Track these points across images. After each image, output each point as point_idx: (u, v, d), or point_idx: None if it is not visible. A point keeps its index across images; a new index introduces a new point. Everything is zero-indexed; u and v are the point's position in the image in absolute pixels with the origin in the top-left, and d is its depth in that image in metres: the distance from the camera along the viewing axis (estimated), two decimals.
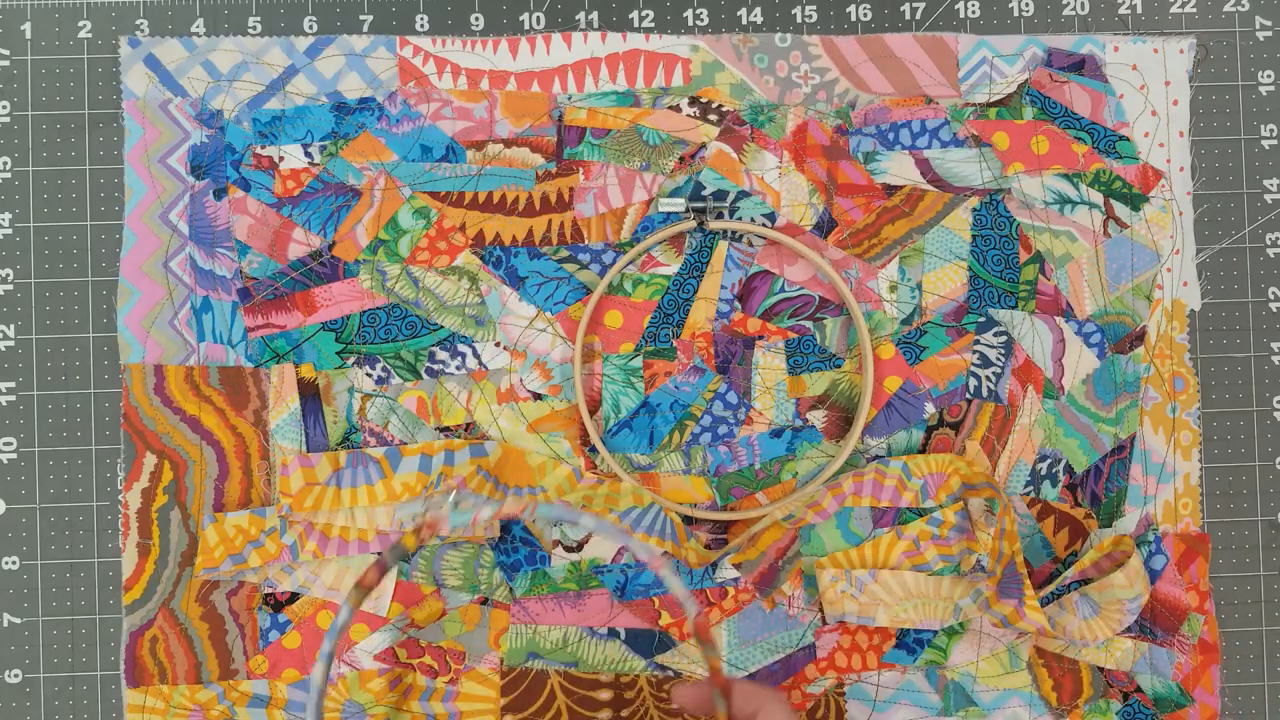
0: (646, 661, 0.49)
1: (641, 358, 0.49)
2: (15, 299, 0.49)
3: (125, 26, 0.49)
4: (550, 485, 0.47)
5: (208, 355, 0.48)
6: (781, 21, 0.50)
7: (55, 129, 0.49)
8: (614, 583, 0.49)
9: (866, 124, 0.49)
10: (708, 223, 0.48)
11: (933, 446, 0.49)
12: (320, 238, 0.49)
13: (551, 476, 0.48)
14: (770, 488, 0.49)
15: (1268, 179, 0.50)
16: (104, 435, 0.49)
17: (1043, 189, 0.50)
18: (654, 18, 0.50)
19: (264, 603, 0.48)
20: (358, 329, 0.49)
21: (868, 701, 0.49)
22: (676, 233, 0.48)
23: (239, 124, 0.49)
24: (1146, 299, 0.50)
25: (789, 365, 0.49)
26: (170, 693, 0.48)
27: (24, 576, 0.48)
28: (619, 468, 0.48)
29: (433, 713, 0.48)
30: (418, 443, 0.48)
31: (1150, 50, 0.50)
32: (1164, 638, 0.49)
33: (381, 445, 0.48)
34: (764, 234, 0.48)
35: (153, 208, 0.49)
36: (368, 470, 0.47)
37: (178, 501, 0.48)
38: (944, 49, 0.50)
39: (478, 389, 0.49)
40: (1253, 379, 0.50)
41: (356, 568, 0.48)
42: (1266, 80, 0.51)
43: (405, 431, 0.48)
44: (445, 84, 0.49)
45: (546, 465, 0.48)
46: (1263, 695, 0.49)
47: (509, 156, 0.49)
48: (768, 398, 0.49)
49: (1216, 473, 0.50)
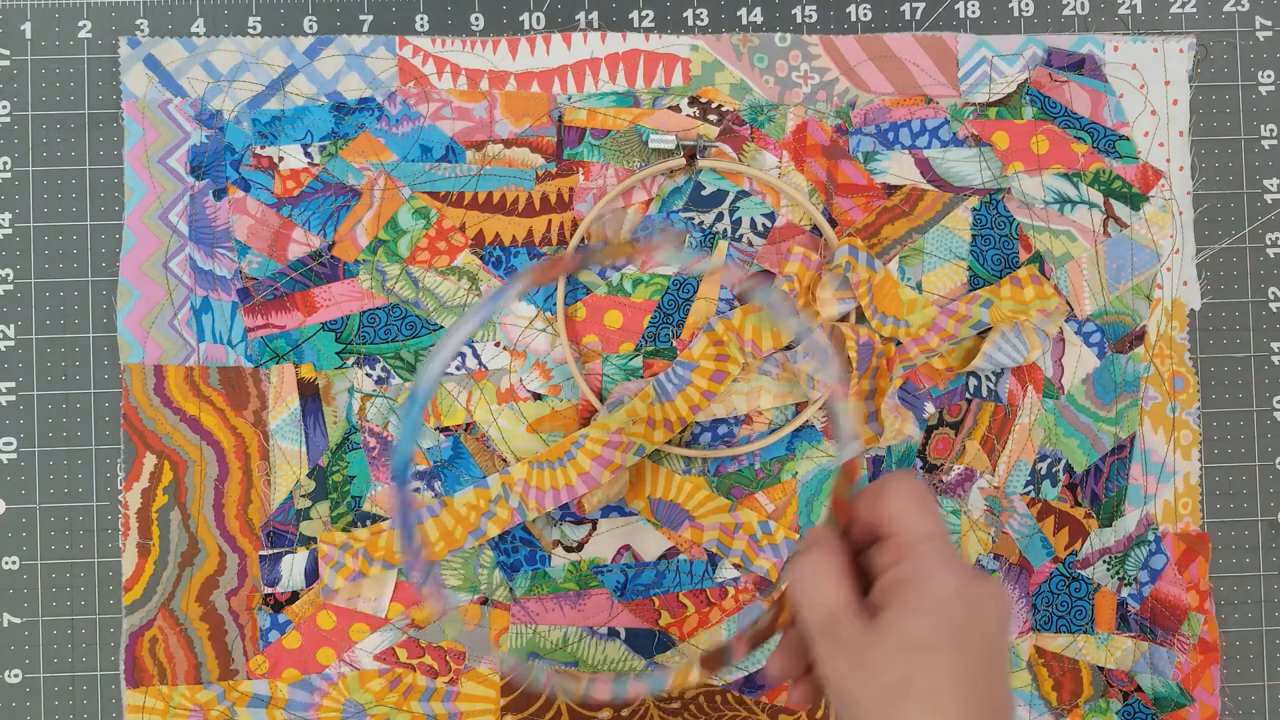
0: (646, 661, 0.49)
1: (641, 358, 0.49)
2: (15, 299, 0.49)
3: (125, 26, 0.49)
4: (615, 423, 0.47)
5: (208, 355, 0.48)
6: (781, 21, 0.50)
7: (55, 129, 0.49)
8: (614, 583, 0.49)
9: (866, 124, 0.49)
10: (697, 162, 0.48)
11: (933, 446, 0.49)
12: (320, 238, 0.49)
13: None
14: (770, 488, 0.49)
15: (1268, 179, 0.50)
16: (104, 435, 0.49)
17: (1042, 189, 0.49)
18: (654, 18, 0.50)
19: (264, 603, 0.48)
20: (358, 329, 0.49)
21: None
22: (667, 169, 0.48)
23: (239, 124, 0.49)
24: (1146, 299, 0.50)
25: None
26: (170, 693, 0.48)
27: (24, 576, 0.48)
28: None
29: (433, 713, 0.48)
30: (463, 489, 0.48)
31: (1150, 50, 0.50)
32: (1164, 637, 0.49)
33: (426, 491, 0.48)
34: (753, 174, 0.48)
35: (153, 208, 0.49)
36: (419, 514, 0.48)
37: (178, 502, 0.48)
38: (944, 49, 0.50)
39: (478, 389, 0.49)
40: (1253, 379, 0.50)
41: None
42: (1266, 80, 0.51)
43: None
44: (445, 84, 0.49)
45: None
46: (1263, 695, 0.49)
47: (509, 157, 0.49)
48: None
49: (1216, 473, 0.50)
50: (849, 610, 0.31)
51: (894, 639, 0.29)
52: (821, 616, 0.31)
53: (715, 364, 0.47)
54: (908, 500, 0.32)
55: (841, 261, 0.46)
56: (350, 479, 0.48)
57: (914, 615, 0.29)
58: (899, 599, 0.30)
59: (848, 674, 0.30)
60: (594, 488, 0.46)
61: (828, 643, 0.31)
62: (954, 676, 0.29)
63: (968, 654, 0.29)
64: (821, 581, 0.31)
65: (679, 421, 0.47)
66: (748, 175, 0.49)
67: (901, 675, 0.29)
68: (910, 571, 0.30)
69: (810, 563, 0.32)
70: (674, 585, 0.49)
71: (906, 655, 0.29)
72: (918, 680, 0.29)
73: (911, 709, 0.29)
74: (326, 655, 0.48)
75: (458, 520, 0.47)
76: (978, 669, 0.29)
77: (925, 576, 0.30)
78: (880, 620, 0.30)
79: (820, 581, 0.31)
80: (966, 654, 0.29)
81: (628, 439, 0.46)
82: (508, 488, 0.47)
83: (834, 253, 0.47)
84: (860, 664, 0.30)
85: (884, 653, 0.29)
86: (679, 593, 0.49)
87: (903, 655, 0.29)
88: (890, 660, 0.29)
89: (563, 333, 0.48)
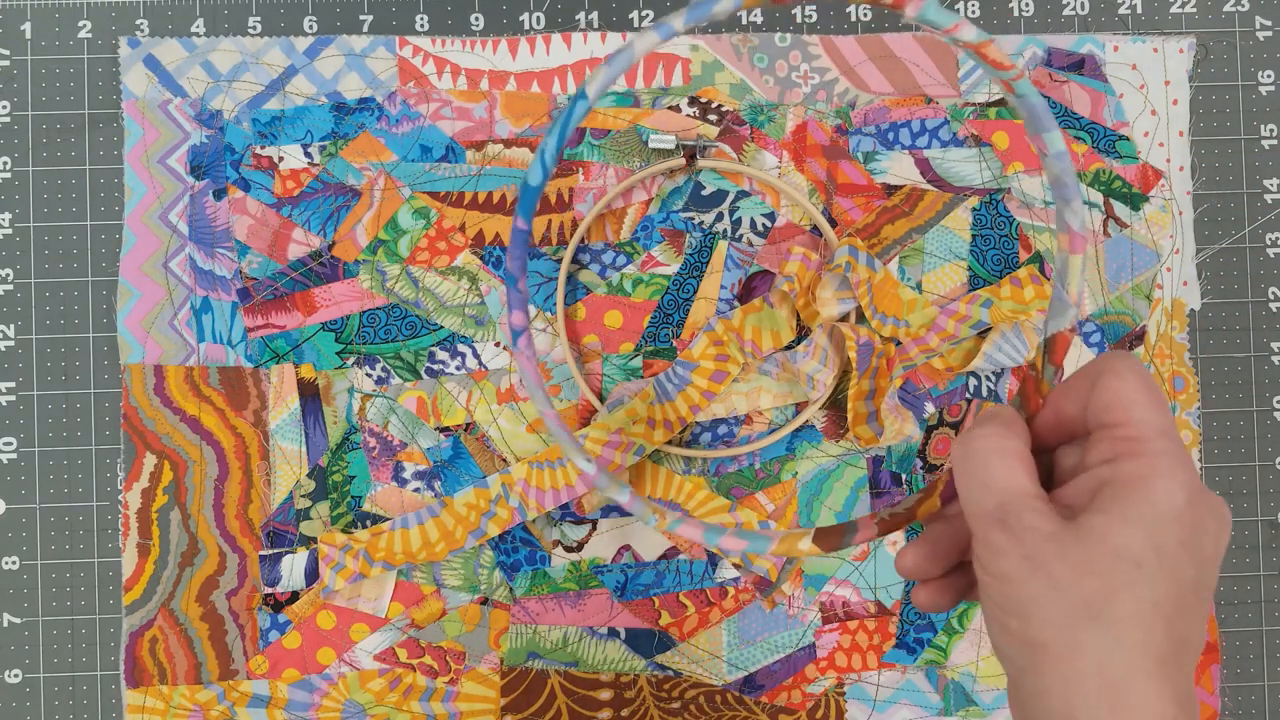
0: (646, 661, 0.49)
1: (641, 358, 0.49)
2: (15, 299, 0.49)
3: (125, 26, 0.49)
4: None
5: (207, 355, 0.48)
6: (781, 21, 0.50)
7: (55, 129, 0.49)
8: (614, 583, 0.49)
9: (866, 124, 0.49)
10: (697, 162, 0.48)
11: (933, 447, 0.49)
12: (320, 238, 0.49)
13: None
14: (770, 488, 0.49)
15: (1268, 179, 0.50)
16: (104, 435, 0.49)
17: (1043, 189, 0.49)
18: (654, 18, 0.50)
19: (264, 603, 0.48)
20: (357, 329, 0.49)
21: (868, 701, 0.49)
22: (667, 168, 0.48)
23: (239, 124, 0.49)
24: (1146, 299, 0.50)
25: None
26: (170, 693, 0.48)
27: (24, 576, 0.48)
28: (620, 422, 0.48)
29: (433, 713, 0.48)
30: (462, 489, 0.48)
31: (1150, 50, 0.50)
32: None
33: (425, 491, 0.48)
34: (753, 174, 0.48)
35: (153, 208, 0.49)
36: (419, 514, 0.48)
37: (178, 502, 0.48)
38: (944, 49, 0.50)
39: (478, 389, 0.49)
40: (1253, 379, 0.50)
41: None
42: (1266, 80, 0.51)
43: (405, 431, 0.48)
44: (445, 84, 0.49)
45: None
46: (1263, 695, 0.49)
47: (509, 157, 0.49)
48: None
49: (1216, 473, 0.50)
50: (1038, 500, 0.26)
51: (1099, 547, 0.24)
52: (999, 502, 0.26)
53: (715, 364, 0.47)
54: (1137, 387, 0.26)
55: (841, 261, 0.46)
56: (350, 479, 0.48)
57: (1129, 526, 0.24)
58: (1113, 502, 0.25)
59: (1026, 578, 0.25)
60: (594, 488, 0.46)
61: (1005, 535, 0.25)
62: (1160, 605, 0.24)
63: (1181, 581, 0.25)
64: (1003, 460, 0.26)
65: (679, 421, 0.47)
66: (748, 175, 0.49)
67: (1100, 592, 0.24)
68: (1133, 472, 0.25)
69: (988, 438, 0.27)
70: (674, 585, 0.49)
71: (1111, 570, 0.24)
72: (1119, 602, 0.24)
73: (1104, 633, 0.24)
74: (326, 655, 0.48)
75: (458, 520, 0.47)
76: (1188, 599, 0.25)
77: (1151, 481, 0.25)
78: (1082, 522, 0.25)
79: (1001, 460, 0.26)
80: (1181, 581, 0.24)
81: (628, 439, 0.46)
82: (508, 488, 0.47)
83: (834, 253, 0.47)
84: (1046, 568, 0.25)
85: (1082, 562, 0.24)
86: (679, 593, 0.49)
87: (1107, 569, 0.24)
88: (1090, 572, 0.24)
89: (562, 333, 0.48)
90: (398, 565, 0.47)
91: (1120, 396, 0.26)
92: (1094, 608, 0.24)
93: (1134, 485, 0.25)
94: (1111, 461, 0.26)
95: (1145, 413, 0.26)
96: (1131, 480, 0.25)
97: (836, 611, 0.49)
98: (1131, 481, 0.25)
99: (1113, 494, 0.25)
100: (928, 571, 0.30)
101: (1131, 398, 0.26)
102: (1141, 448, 0.26)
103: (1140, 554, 0.24)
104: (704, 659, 0.48)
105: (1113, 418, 0.26)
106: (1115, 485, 0.25)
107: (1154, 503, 0.25)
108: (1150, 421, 0.26)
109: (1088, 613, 0.24)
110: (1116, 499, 0.25)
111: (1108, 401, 0.26)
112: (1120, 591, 0.24)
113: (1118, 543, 0.24)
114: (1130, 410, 0.26)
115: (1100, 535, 0.25)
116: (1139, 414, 0.26)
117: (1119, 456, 0.26)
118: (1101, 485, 0.26)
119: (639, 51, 0.28)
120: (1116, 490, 0.25)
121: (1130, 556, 0.24)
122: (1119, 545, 0.24)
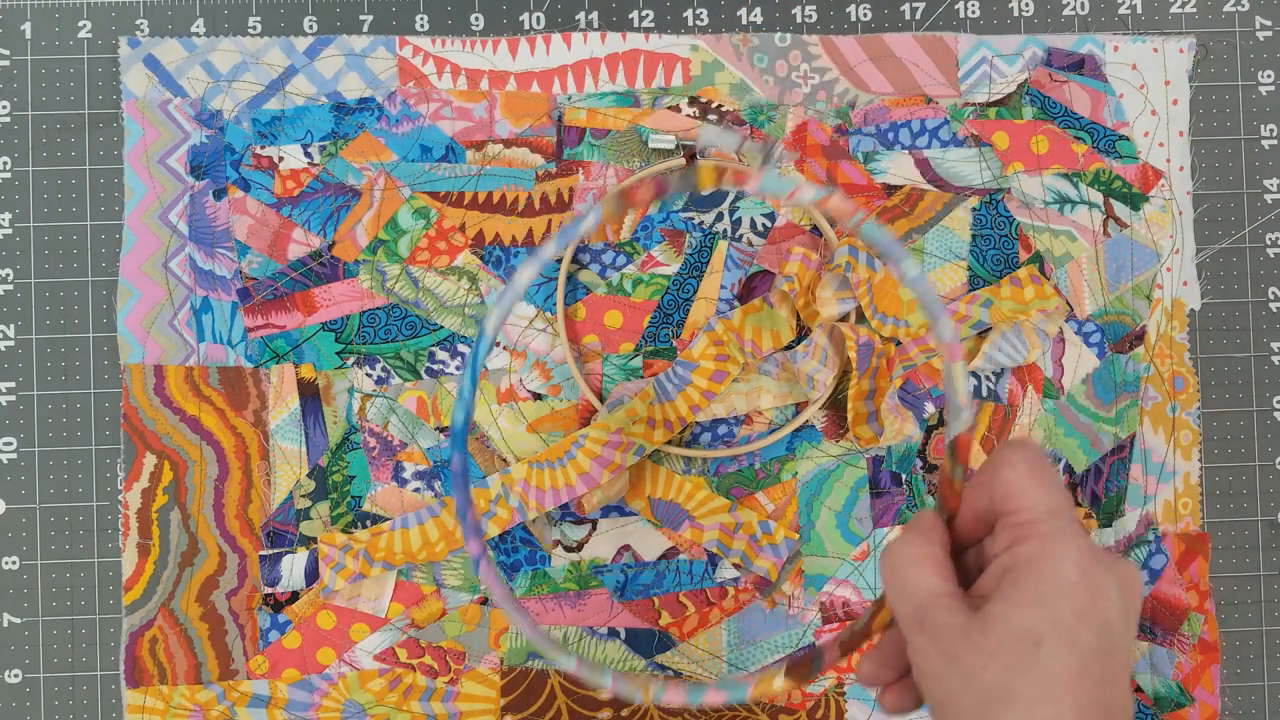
0: (646, 661, 0.49)
1: (641, 358, 0.49)
2: (15, 299, 0.49)
3: (125, 26, 0.49)
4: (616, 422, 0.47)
5: (207, 355, 0.48)
6: (781, 21, 0.50)
7: (55, 129, 0.49)
8: (614, 583, 0.49)
9: (866, 124, 0.49)
10: (698, 162, 0.48)
11: (933, 447, 0.49)
12: (320, 238, 0.49)
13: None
14: (770, 488, 0.49)
15: (1268, 179, 0.50)
16: (104, 435, 0.49)
17: (1042, 189, 0.49)
18: (654, 18, 0.50)
19: (264, 603, 0.48)
20: (357, 329, 0.49)
21: (868, 701, 0.49)
22: (667, 169, 0.48)
23: (239, 124, 0.49)
24: (1146, 299, 0.50)
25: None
26: (170, 693, 0.48)
27: (24, 576, 0.48)
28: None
29: (433, 713, 0.48)
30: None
31: (1150, 50, 0.50)
32: (1164, 637, 0.49)
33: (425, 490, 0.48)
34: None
35: (152, 208, 0.49)
36: (419, 514, 0.47)
37: (178, 502, 0.48)
38: (944, 49, 0.50)
39: (478, 389, 0.49)
40: (1253, 379, 0.50)
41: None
42: (1266, 80, 0.51)
43: (405, 431, 0.48)
44: (445, 84, 0.49)
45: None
46: (1263, 695, 0.49)
47: (509, 157, 0.49)
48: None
49: (1216, 473, 0.50)
50: (947, 599, 0.27)
51: (999, 633, 0.25)
52: (916, 604, 0.27)
53: (715, 364, 0.47)
54: (1025, 473, 0.27)
55: (841, 261, 0.46)
56: (350, 479, 0.48)
57: (1025, 606, 0.25)
58: (1009, 587, 0.26)
59: (944, 673, 0.26)
60: (594, 487, 0.46)
61: (922, 636, 0.27)
62: (1066, 679, 0.25)
63: (1084, 652, 0.25)
64: (916, 566, 0.28)
65: (679, 421, 0.47)
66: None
67: (1006, 675, 0.25)
68: (1026, 555, 0.26)
69: (905, 547, 0.28)
70: (674, 585, 0.49)
71: (1014, 652, 0.25)
72: (1022, 683, 0.25)
73: (1015, 715, 0.25)
74: (326, 655, 0.48)
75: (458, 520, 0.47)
76: (1094, 669, 0.25)
77: (1043, 560, 0.26)
78: (985, 611, 0.26)
79: (915, 567, 0.28)
80: (1083, 652, 0.25)
81: (628, 439, 0.46)
82: (508, 488, 0.47)
83: (834, 253, 0.47)
84: (958, 661, 0.26)
85: (986, 649, 0.25)
86: (679, 593, 0.49)
87: (1010, 651, 0.25)
88: (993, 658, 0.25)
89: (562, 333, 0.48)
90: (398, 565, 0.47)
91: (1011, 485, 0.28)
92: (1002, 690, 0.25)
93: (1028, 567, 0.26)
94: (1010, 548, 0.27)
95: (1033, 497, 0.27)
96: (1026, 562, 0.26)
97: (836, 611, 0.49)
98: (1026, 564, 0.26)
99: (1011, 579, 0.26)
100: (884, 678, 0.31)
101: (1019, 484, 0.28)
102: (1033, 530, 0.27)
103: (1039, 632, 0.25)
104: (704, 659, 0.48)
105: (1009, 506, 0.28)
106: (1014, 570, 0.26)
107: (1047, 580, 0.26)
108: (1039, 504, 0.27)
109: (999, 696, 0.25)
110: (1015, 583, 0.26)
111: (1003, 492, 0.28)
112: (1024, 672, 0.25)
113: (1017, 625, 0.25)
114: (1021, 497, 0.27)
115: (1003, 620, 0.26)
116: (1028, 499, 0.27)
117: (1015, 542, 0.27)
118: (1004, 572, 0.27)
119: (522, 283, 0.32)
120: (1015, 575, 0.26)
121: (1030, 636, 0.25)
122: (1019, 627, 0.25)
